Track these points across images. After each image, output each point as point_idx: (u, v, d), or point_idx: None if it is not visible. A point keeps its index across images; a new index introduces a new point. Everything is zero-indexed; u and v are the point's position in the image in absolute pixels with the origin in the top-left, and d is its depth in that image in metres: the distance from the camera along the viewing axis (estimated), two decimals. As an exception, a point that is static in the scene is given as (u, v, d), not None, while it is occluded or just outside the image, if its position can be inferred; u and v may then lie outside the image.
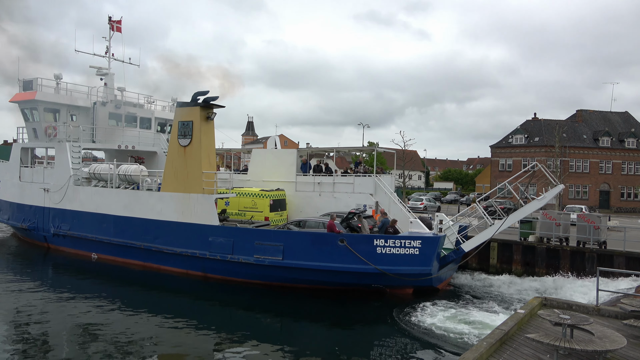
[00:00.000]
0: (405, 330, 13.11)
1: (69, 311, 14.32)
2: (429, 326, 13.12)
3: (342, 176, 21.80)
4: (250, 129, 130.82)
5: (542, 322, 9.48)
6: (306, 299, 16.56)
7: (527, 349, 8.27)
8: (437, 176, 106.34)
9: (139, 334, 12.61)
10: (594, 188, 56.27)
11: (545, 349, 8.03)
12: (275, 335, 13.33)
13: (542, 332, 8.68)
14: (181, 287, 18.34)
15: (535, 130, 59.76)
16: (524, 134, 59.45)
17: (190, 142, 18.85)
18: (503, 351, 8.14)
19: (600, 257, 19.23)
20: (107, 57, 26.36)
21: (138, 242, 20.19)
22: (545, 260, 20.32)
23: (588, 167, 56.36)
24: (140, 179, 21.10)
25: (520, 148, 59.38)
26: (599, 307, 10.56)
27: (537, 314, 9.71)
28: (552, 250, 20.37)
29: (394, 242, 16.20)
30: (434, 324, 13.26)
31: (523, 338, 8.63)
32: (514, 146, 60.02)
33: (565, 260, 19.96)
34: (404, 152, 46.63)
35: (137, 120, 27.00)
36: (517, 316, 9.60)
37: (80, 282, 18.62)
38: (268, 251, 17.18)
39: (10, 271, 19.67)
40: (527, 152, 58.71)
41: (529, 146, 58.62)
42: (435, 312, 14.50)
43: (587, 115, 61.25)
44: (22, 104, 25.04)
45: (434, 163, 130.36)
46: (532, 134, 59.42)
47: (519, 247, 21.11)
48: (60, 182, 23.06)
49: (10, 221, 26.75)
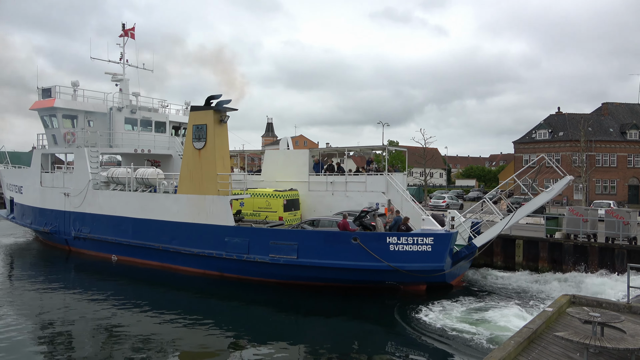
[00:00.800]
0: (417, 329, 13.69)
1: (90, 311, 15.51)
2: (441, 325, 13.64)
3: (354, 175, 22.67)
4: (269, 130, 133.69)
5: (571, 320, 9.49)
6: (321, 297, 17.52)
7: (556, 347, 8.25)
8: (459, 174, 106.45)
9: (159, 332, 13.67)
10: (622, 182, 55.75)
11: (575, 347, 8.00)
12: (290, 331, 14.23)
13: (571, 330, 8.72)
14: (199, 286, 19.48)
15: (559, 124, 59.54)
16: (548, 129, 59.30)
17: (205, 145, 20.05)
18: (531, 350, 8.12)
19: (631, 254, 19.32)
20: (122, 63, 27.90)
21: (156, 243, 21.50)
22: (573, 257, 20.54)
23: (615, 161, 55.88)
24: (156, 181, 22.42)
25: (545, 143, 59.21)
26: (630, 305, 10.45)
27: (566, 312, 9.72)
28: (579, 247, 20.54)
29: (406, 240, 17.02)
30: (446, 324, 13.78)
31: (552, 336, 8.63)
32: (537, 141, 59.90)
33: (594, 257, 20.12)
34: (425, 150, 47.06)
35: (152, 124, 28.47)
36: (545, 314, 9.64)
37: (101, 283, 19.91)
38: (283, 250, 18.19)
39: (34, 273, 21.16)
40: (552, 147, 58.50)
41: (554, 141, 58.43)
42: (450, 310, 15.19)
43: (614, 108, 60.64)
44: (41, 112, 26.73)
45: (455, 160, 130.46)
46: (557, 128, 59.21)
47: (545, 244, 21.32)
48: (80, 187, 24.60)
49: (33, 225, 28.51)
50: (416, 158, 59.30)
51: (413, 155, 76.51)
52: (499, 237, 21.65)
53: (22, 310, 15.40)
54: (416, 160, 61.90)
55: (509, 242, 22.19)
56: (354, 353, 12.51)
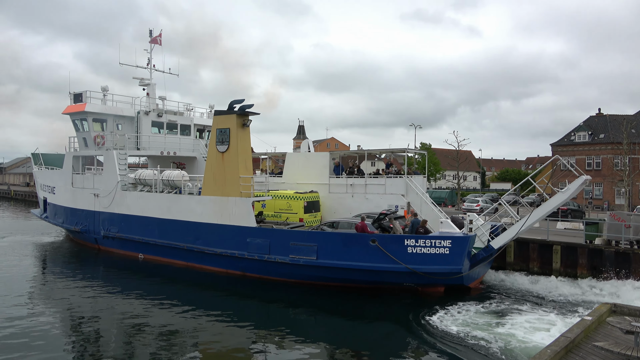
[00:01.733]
0: (433, 333, 14.16)
1: (118, 307, 17.10)
2: (457, 331, 14.18)
3: (373, 177, 23.78)
4: (301, 132, 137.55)
5: (612, 329, 9.42)
6: (339, 297, 18.65)
7: (595, 357, 8.18)
8: (494, 176, 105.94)
9: (182, 327, 14.99)
10: (668, 187, 54.35)
11: (616, 358, 7.91)
12: (308, 331, 15.28)
13: (611, 340, 8.65)
14: (221, 285, 20.98)
15: (600, 126, 58.68)
16: (588, 131, 58.54)
17: (228, 148, 21.63)
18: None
19: (678, 261, 19.08)
20: (149, 68, 30.00)
21: (181, 243, 23.23)
22: (614, 265, 20.37)
23: (661, 164, 54.55)
24: (182, 183, 24.20)
25: (584, 146, 58.49)
26: (676, 315, 10.29)
27: (606, 321, 9.64)
28: (621, 254, 20.30)
29: (424, 242, 18.02)
30: (462, 329, 14.27)
31: (591, 346, 8.55)
32: (577, 144, 59.21)
33: (637, 264, 19.93)
34: (458, 153, 47.60)
35: (177, 127, 30.45)
36: (584, 323, 9.54)
37: (129, 280, 21.65)
38: (303, 251, 19.50)
39: (65, 271, 23.19)
40: (592, 149, 57.76)
41: (594, 143, 57.64)
42: (469, 314, 15.87)
43: (659, 108, 59.21)
44: (73, 116, 29.08)
45: (490, 163, 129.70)
46: (597, 130, 58.38)
47: (584, 251, 21.31)
48: (109, 188, 26.71)
49: (65, 224, 30.95)
50: (449, 161, 59.73)
51: (446, 158, 76.94)
52: (535, 243, 22.28)
53: (55, 306, 17.07)
54: (449, 163, 62.22)
55: (545, 248, 22.30)
56: (367, 355, 13.35)
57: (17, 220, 45.47)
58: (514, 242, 22.33)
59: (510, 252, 22.99)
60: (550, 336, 13.00)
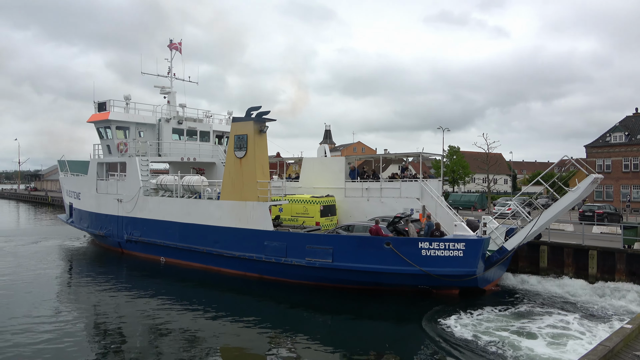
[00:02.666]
0: (446, 337, 14.85)
1: (141, 308, 18.53)
2: (473, 335, 14.77)
3: (388, 182, 24.84)
4: (327, 137, 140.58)
5: None
6: (355, 299, 19.71)
7: None
8: (525, 179, 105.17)
9: (201, 328, 16.24)
10: None
11: None
12: (323, 332, 16.28)
13: None
14: (239, 287, 22.37)
15: (637, 126, 58.06)
16: (624, 132, 58.00)
17: (246, 154, 23.10)
18: (608, 369, 8.01)
19: None
20: (169, 77, 31.99)
21: (200, 246, 24.81)
22: None
23: (703, 166, 53.57)
24: (201, 188, 25.82)
25: (620, 147, 57.96)
26: None
27: None
28: None
29: (438, 245, 18.98)
30: (477, 334, 14.88)
31: (631, 355, 8.49)
32: (612, 145, 58.70)
33: None
34: (488, 155, 47.94)
35: (197, 134, 32.25)
36: (624, 331, 9.40)
37: (151, 283, 23.22)
38: (318, 254, 20.72)
39: (90, 274, 25.02)
40: (629, 151, 57.17)
41: (631, 144, 57.03)
42: (486, 318, 16.55)
43: (700, 107, 58.09)
44: (97, 124, 31.21)
45: (521, 166, 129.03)
46: (634, 131, 57.77)
47: (622, 256, 21.13)
48: (132, 193, 28.60)
49: (90, 229, 33.11)
50: (478, 164, 59.64)
51: (475, 161, 76.51)
52: (570, 248, 22.40)
53: (81, 307, 18.57)
54: (478, 165, 62.11)
55: (581, 253, 22.28)
56: (381, 358, 14.12)
57: (53, 226, 48.02)
58: (548, 246, 22.89)
59: (544, 257, 23.08)
60: (581, 344, 13.66)
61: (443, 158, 64.28)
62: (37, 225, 49.99)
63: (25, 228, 46.72)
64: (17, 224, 49.98)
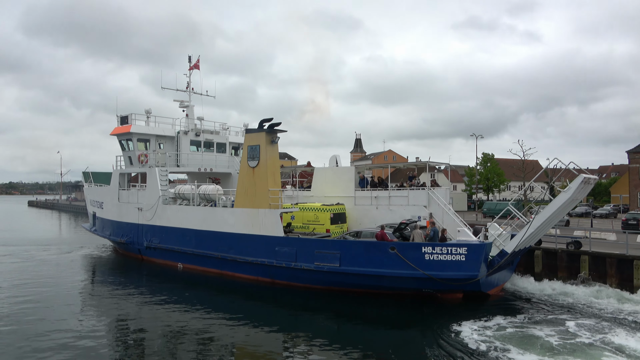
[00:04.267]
0: (452, 342, 15.30)
1: (159, 312, 19.65)
2: (476, 343, 15.02)
3: (396, 190, 25.81)
4: (358, 145, 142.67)
5: None
6: (363, 304, 20.63)
7: None
8: (564, 187, 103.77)
9: (216, 332, 17.12)
10: None
11: None
12: (331, 333, 17.06)
13: None
14: (253, 292, 23.50)
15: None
16: (669, 136, 57.55)
17: (258, 163, 24.44)
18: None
19: None
20: (188, 91, 33.78)
21: (215, 252, 26.12)
22: None
23: None
24: (216, 197, 27.21)
25: (664, 152, 57.47)
26: None
27: None
28: None
29: (441, 249, 19.85)
30: (485, 340, 15.14)
31: None
32: (656, 150, 58.23)
33: None
34: (524, 162, 47.65)
35: (214, 146, 33.85)
36: None
37: (169, 288, 24.44)
38: (327, 259, 21.78)
39: (112, 279, 26.56)
40: (673, 156, 56.64)
41: (676, 149, 56.53)
42: (496, 325, 16.76)
43: None
44: (119, 136, 33.08)
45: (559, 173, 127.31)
46: (679, 135, 57.29)
47: None
48: (151, 202, 30.20)
49: (112, 236, 34.86)
50: (514, 171, 59.35)
51: (510, 168, 75.65)
52: (613, 258, 22.03)
53: (104, 312, 19.72)
54: (514, 173, 61.83)
55: (625, 263, 21.68)
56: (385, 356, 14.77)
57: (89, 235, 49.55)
58: (589, 256, 22.62)
59: (585, 266, 22.83)
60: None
61: (477, 165, 64.46)
62: (75, 234, 51.72)
63: (66, 237, 48.71)
64: (59, 232, 51.85)
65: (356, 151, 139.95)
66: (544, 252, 24.74)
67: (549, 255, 24.55)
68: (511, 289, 22.72)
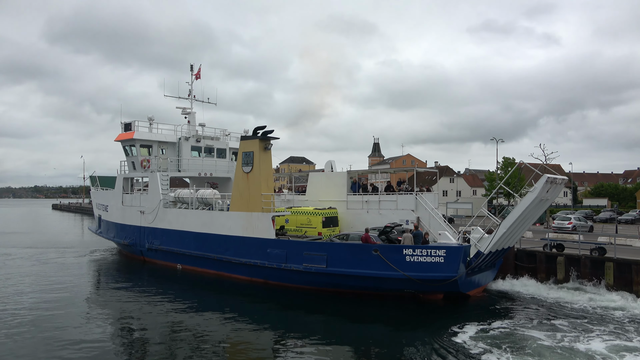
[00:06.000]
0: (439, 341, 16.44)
1: (159, 311, 21.06)
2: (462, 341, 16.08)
3: (386, 194, 27.28)
4: (376, 150, 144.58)
5: None
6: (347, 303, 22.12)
7: None
8: (587, 192, 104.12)
9: (214, 329, 18.39)
10: None
11: None
12: (321, 334, 17.86)
13: None
14: (247, 292, 25.12)
15: None
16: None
17: (252, 169, 26.14)
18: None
19: None
20: (190, 99, 35.75)
21: (212, 254, 27.89)
22: None
23: None
24: (213, 201, 28.99)
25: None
26: None
27: None
28: None
29: (421, 252, 21.29)
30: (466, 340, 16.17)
31: None
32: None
33: None
34: (545, 167, 48.31)
35: (214, 151, 35.71)
36: None
37: (169, 288, 26.09)
38: (314, 260, 23.36)
39: (116, 279, 28.51)
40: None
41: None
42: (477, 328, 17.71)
43: None
44: (123, 142, 35.15)
45: (582, 178, 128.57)
46: None
47: None
48: (153, 205, 32.14)
49: (115, 239, 36.93)
50: (536, 176, 60.00)
51: (532, 173, 75.39)
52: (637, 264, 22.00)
53: (107, 311, 21.13)
54: (535, 178, 62.39)
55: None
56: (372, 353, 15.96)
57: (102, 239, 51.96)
58: (614, 263, 22.71)
59: (610, 273, 22.84)
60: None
61: (497, 170, 65.14)
62: (91, 237, 52.33)
63: (87, 240, 50.27)
64: (81, 235, 52.96)
65: (374, 155, 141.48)
66: (566, 258, 24.63)
67: (572, 261, 24.43)
68: (526, 293, 23.13)
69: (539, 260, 25.66)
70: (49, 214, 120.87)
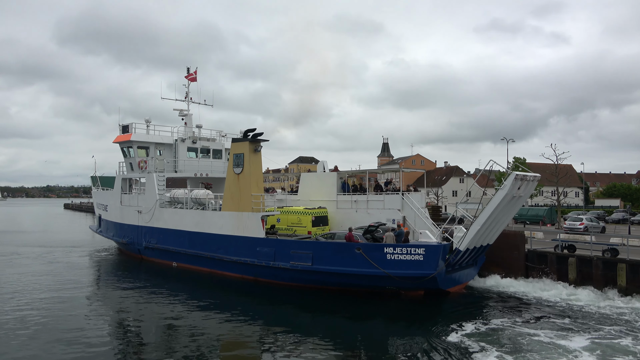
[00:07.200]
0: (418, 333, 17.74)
1: (155, 307, 22.26)
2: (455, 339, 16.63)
3: (374, 194, 28.41)
4: (385, 150, 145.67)
5: None
6: (332, 299, 23.31)
7: None
8: (599, 192, 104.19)
9: (206, 325, 19.24)
10: None
11: None
12: (310, 330, 18.80)
13: None
14: (238, 289, 26.49)
15: None
16: None
17: (242, 170, 27.44)
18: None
19: None
20: (186, 101, 37.15)
21: (205, 252, 29.28)
22: None
23: None
24: (206, 201, 30.35)
25: None
26: None
27: None
28: None
29: (401, 250, 22.41)
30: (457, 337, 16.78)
31: None
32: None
33: None
34: (557, 167, 48.14)
35: (210, 152, 37.09)
36: None
37: (164, 285, 27.47)
38: (300, 258, 24.60)
39: (114, 277, 30.01)
40: None
41: None
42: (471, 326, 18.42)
43: None
44: (121, 144, 36.68)
45: (594, 178, 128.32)
46: None
47: None
48: (150, 205, 33.61)
49: (115, 237, 38.54)
50: (547, 176, 60.73)
51: (543, 173, 75.32)
52: None
53: (105, 308, 22.47)
54: (547, 178, 63.20)
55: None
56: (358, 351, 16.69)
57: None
58: (627, 264, 22.71)
59: (623, 275, 22.82)
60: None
61: (508, 170, 65.63)
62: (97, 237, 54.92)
63: (95, 240, 51.24)
64: (91, 235, 53.86)
65: (383, 155, 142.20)
66: (578, 259, 24.70)
67: (584, 262, 24.47)
68: (534, 295, 23.40)
69: (550, 261, 25.81)
70: (60, 214, 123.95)
